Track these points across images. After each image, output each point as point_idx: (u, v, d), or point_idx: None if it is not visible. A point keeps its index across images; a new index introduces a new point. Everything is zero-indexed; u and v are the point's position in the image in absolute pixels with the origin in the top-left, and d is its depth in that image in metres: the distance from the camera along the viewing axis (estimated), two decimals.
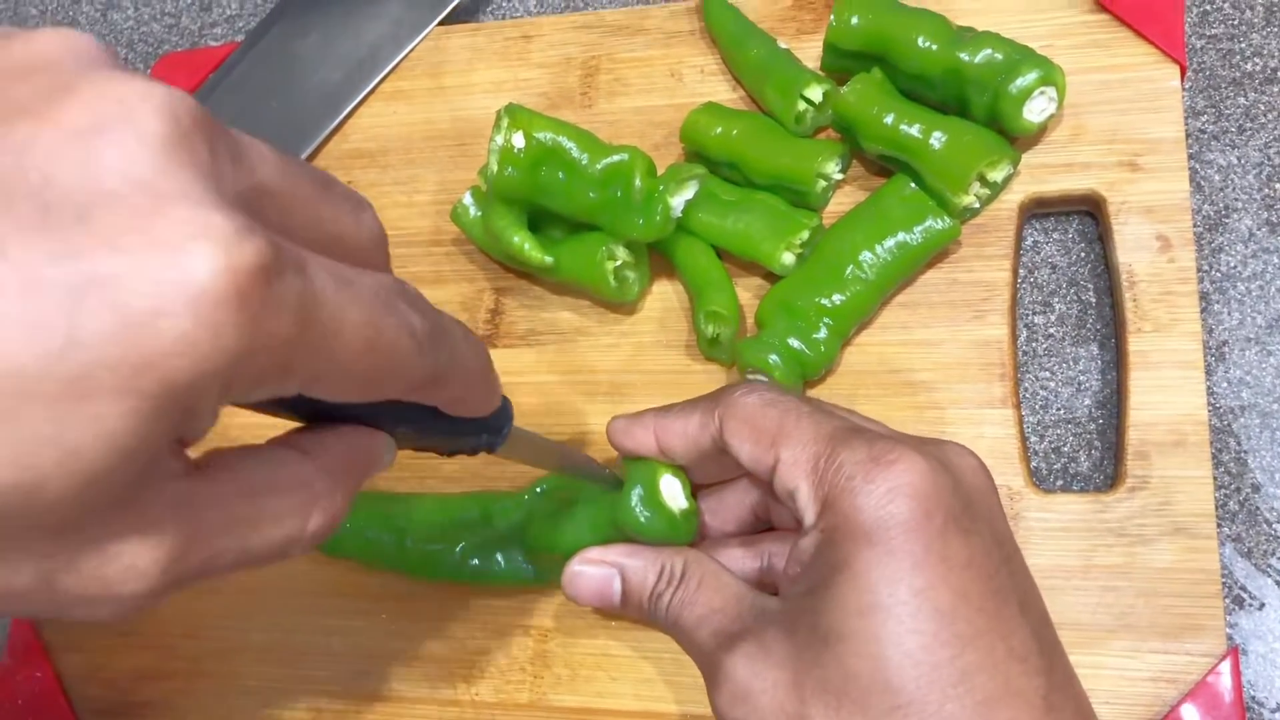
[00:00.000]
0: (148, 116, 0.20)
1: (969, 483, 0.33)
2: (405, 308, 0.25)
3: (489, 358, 0.31)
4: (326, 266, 0.23)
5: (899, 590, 0.30)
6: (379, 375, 0.25)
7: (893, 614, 0.30)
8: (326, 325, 0.22)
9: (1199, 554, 0.40)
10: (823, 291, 0.44)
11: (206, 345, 0.19)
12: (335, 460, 0.28)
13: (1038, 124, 0.44)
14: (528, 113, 0.45)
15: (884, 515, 0.31)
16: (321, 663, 0.47)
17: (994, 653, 0.30)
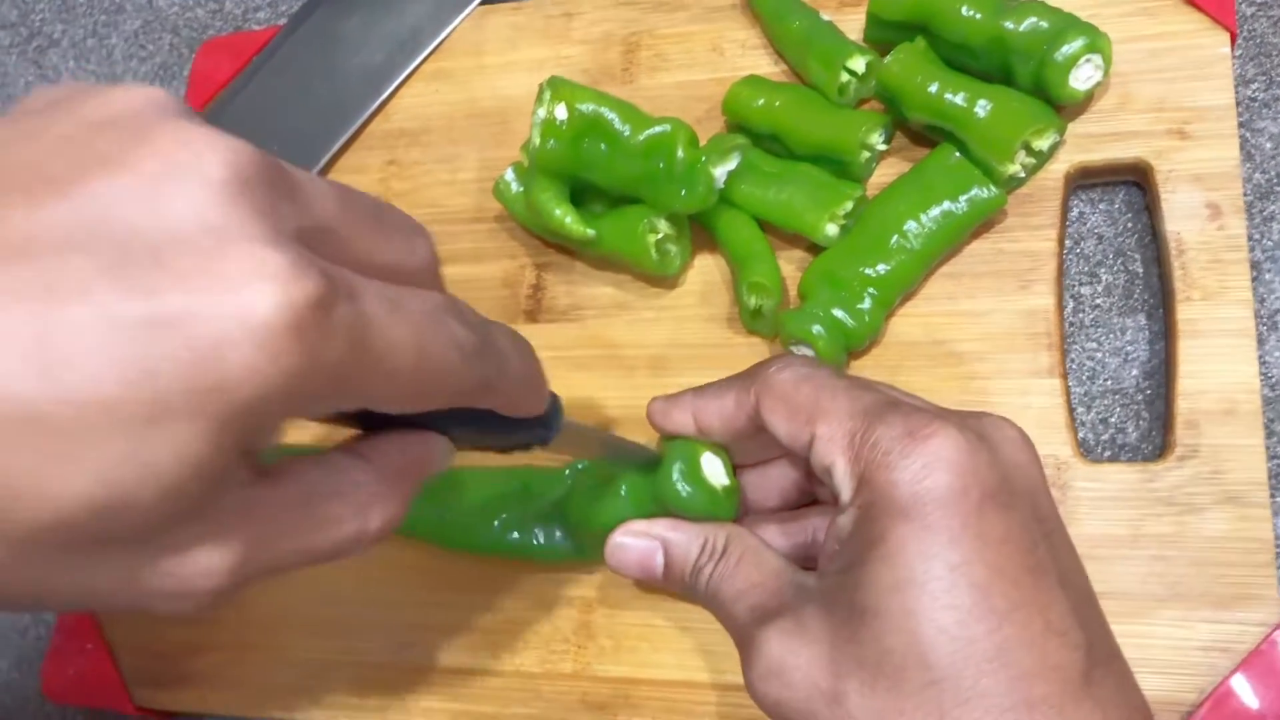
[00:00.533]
0: (213, 163, 0.22)
1: (1008, 457, 0.32)
2: (454, 324, 0.27)
3: (536, 361, 0.33)
4: (378, 292, 0.25)
5: (934, 565, 0.30)
6: (428, 388, 0.27)
7: (927, 589, 0.30)
8: (377, 346, 0.24)
9: (1252, 522, 0.39)
10: (867, 262, 0.44)
11: (268, 371, 0.21)
12: (393, 465, 0.30)
13: (1084, 92, 0.43)
14: (570, 84, 0.45)
15: (920, 490, 0.31)
16: (366, 634, 0.48)
17: (1030, 627, 0.29)
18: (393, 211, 0.29)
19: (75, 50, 0.69)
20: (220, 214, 0.22)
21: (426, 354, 0.26)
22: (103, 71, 0.67)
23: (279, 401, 0.22)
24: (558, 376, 0.49)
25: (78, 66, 0.68)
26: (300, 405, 0.23)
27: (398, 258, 0.28)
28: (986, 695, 0.29)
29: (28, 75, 0.69)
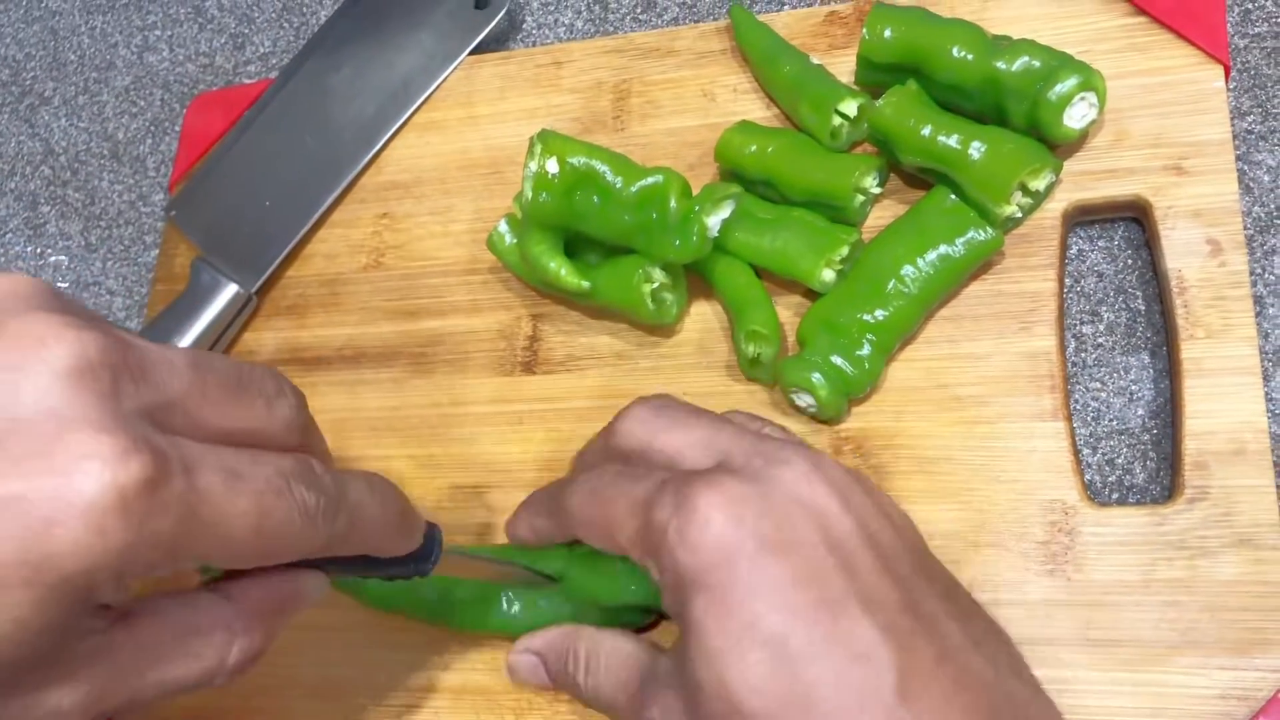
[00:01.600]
0: (58, 354, 0.25)
1: (786, 493, 0.33)
2: (300, 489, 0.30)
3: (400, 506, 0.35)
4: (219, 463, 0.28)
5: (730, 628, 0.31)
6: (269, 552, 0.29)
7: (731, 654, 0.31)
8: (211, 518, 0.27)
9: (1265, 565, 0.38)
10: (865, 307, 0.43)
11: (95, 546, 0.24)
12: (256, 604, 0.32)
13: (1079, 130, 0.43)
14: (560, 138, 0.45)
15: (699, 562, 0.32)
16: (370, 698, 0.47)
17: (834, 663, 0.30)
18: (256, 376, 0.31)
19: (67, 108, 0.69)
20: (62, 401, 0.25)
21: (265, 522, 0.28)
22: (95, 128, 0.67)
23: (110, 570, 0.25)
24: (556, 428, 0.48)
25: (70, 124, 0.68)
26: (137, 570, 0.26)
27: (255, 423, 0.30)
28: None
29: (20, 134, 0.69)
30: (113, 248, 0.64)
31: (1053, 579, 0.40)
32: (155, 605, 0.30)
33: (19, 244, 0.66)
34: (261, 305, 0.56)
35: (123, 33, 0.70)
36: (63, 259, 0.65)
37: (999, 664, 0.33)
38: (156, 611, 0.30)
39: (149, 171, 0.65)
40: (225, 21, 0.67)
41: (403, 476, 0.50)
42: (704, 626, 0.31)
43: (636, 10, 0.58)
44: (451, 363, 0.52)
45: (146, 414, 0.27)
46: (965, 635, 0.32)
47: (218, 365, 0.30)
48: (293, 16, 0.66)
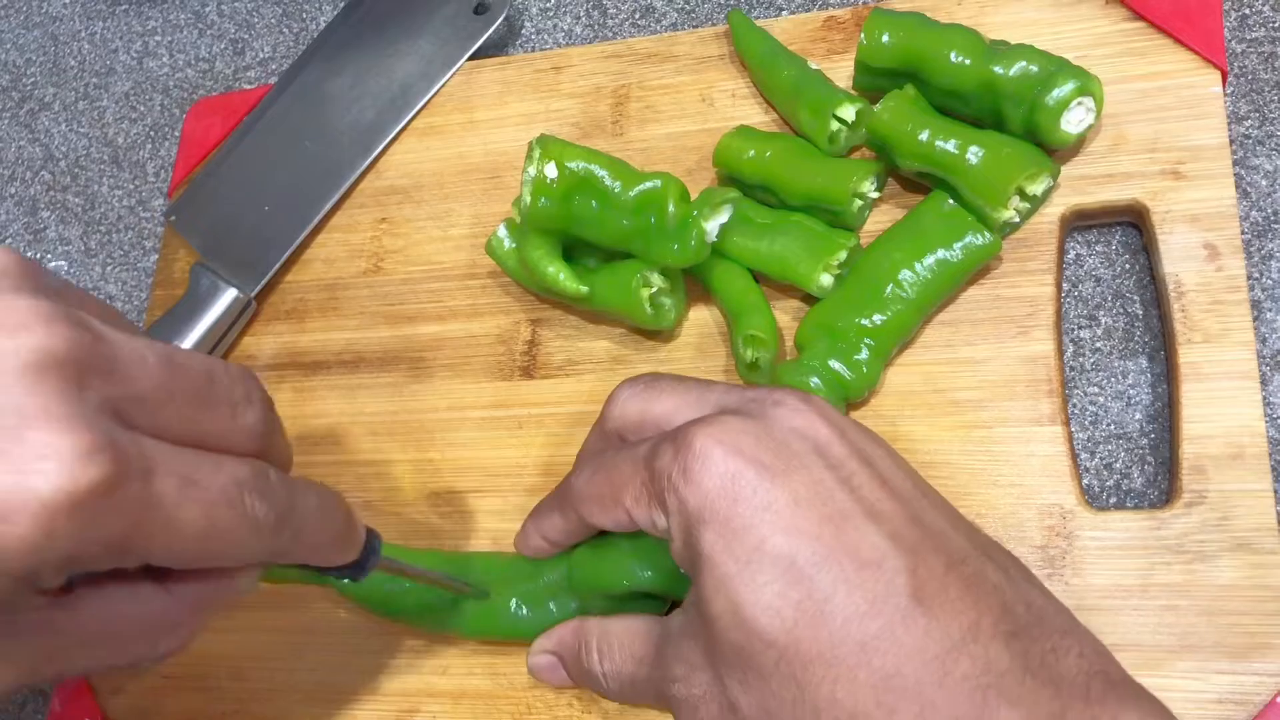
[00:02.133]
0: (25, 345, 0.25)
1: (782, 425, 0.34)
2: (253, 500, 0.30)
3: (348, 520, 0.36)
4: (176, 468, 0.28)
5: (739, 552, 0.31)
6: (215, 557, 0.30)
7: (741, 578, 0.31)
8: (161, 522, 0.27)
9: (1263, 569, 0.38)
10: (863, 312, 0.43)
11: (41, 545, 0.25)
12: (192, 597, 0.32)
13: (1076, 135, 0.43)
14: (559, 142, 0.45)
15: (703, 494, 0.32)
16: (369, 702, 0.47)
17: (844, 572, 0.31)
18: (227, 380, 0.31)
19: (67, 113, 0.69)
20: (25, 394, 0.25)
21: (214, 530, 0.29)
22: (95, 134, 0.67)
23: (53, 565, 0.26)
24: (554, 433, 0.49)
25: (69, 129, 0.68)
26: (80, 566, 0.27)
27: (219, 428, 0.31)
28: (824, 649, 0.30)
29: (20, 139, 0.69)
30: (112, 253, 0.64)
31: (1050, 583, 0.40)
32: (96, 590, 0.30)
33: (19, 248, 0.66)
34: (261, 310, 0.56)
35: (123, 38, 0.70)
36: (62, 264, 0.65)
37: (1010, 572, 0.33)
38: (96, 597, 0.30)
39: (149, 177, 0.65)
40: (225, 27, 0.68)
41: (401, 480, 0.50)
42: (714, 558, 0.32)
43: (635, 16, 0.58)
44: (450, 367, 0.52)
45: (110, 408, 0.27)
46: (973, 545, 0.33)
47: (190, 365, 0.30)
48: (292, 22, 0.66)
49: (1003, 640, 0.30)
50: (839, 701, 0.30)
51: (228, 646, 0.50)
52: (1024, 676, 0.29)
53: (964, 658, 0.30)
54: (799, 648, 0.30)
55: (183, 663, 0.50)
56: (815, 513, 0.32)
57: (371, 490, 0.50)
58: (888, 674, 0.30)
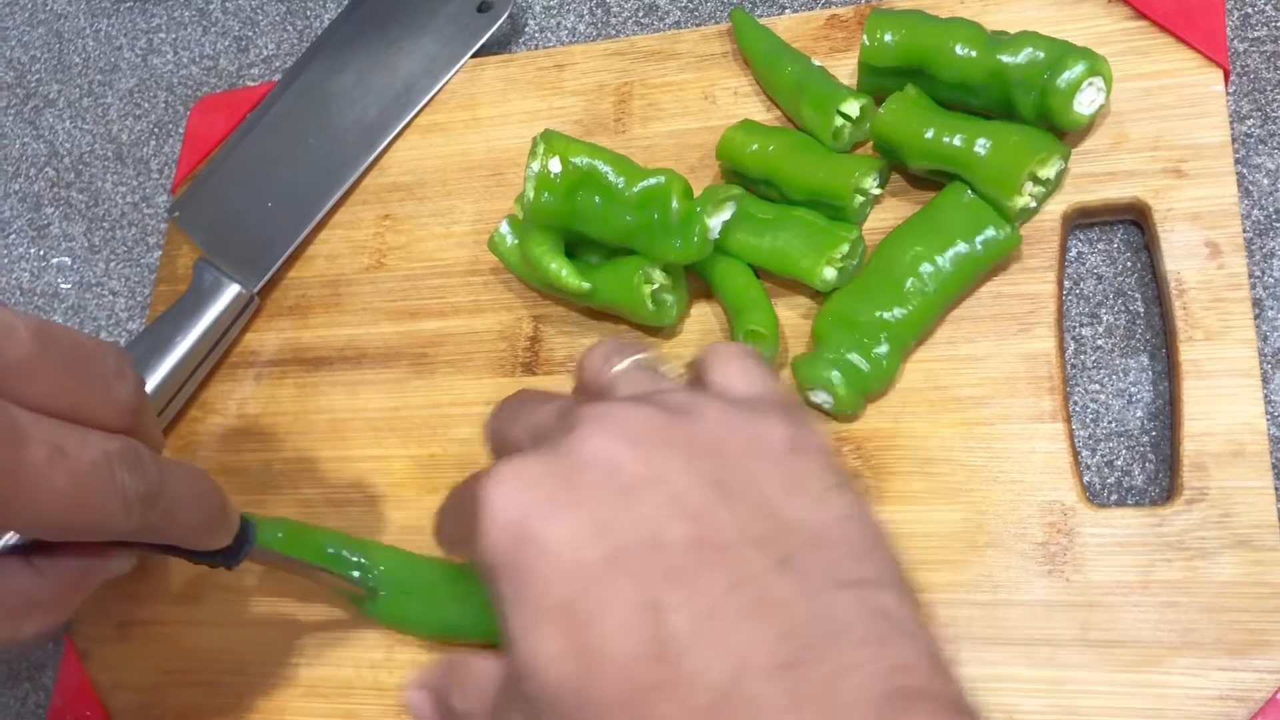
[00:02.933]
0: None
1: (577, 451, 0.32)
2: (124, 475, 0.30)
3: (218, 504, 0.36)
4: (47, 437, 0.28)
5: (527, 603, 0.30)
6: (82, 531, 0.30)
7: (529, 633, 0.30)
8: (29, 491, 0.28)
9: (1264, 566, 0.38)
10: (882, 305, 0.43)
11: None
12: (64, 577, 0.33)
13: (1089, 116, 0.43)
14: (563, 138, 0.45)
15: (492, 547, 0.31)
16: (368, 697, 0.47)
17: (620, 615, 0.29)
18: (99, 353, 0.31)
19: (71, 110, 0.69)
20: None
21: (83, 502, 0.29)
22: (99, 130, 0.68)
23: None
24: None
25: (74, 126, 0.69)
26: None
27: (90, 400, 0.31)
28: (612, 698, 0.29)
29: (24, 136, 0.69)
30: (116, 249, 0.64)
31: (1051, 580, 0.40)
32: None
33: (23, 245, 0.66)
34: (264, 306, 0.57)
35: (127, 36, 0.70)
36: (66, 260, 0.65)
37: (809, 579, 0.30)
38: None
39: (152, 173, 0.65)
40: (229, 25, 0.68)
41: (403, 476, 0.50)
42: (506, 612, 0.31)
43: (638, 14, 0.58)
44: (453, 363, 0.52)
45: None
46: (767, 557, 0.30)
47: (61, 338, 0.30)
48: (296, 20, 0.66)
49: (774, 676, 0.28)
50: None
51: (229, 642, 0.50)
52: (799, 713, 0.27)
53: (731, 704, 0.28)
54: (591, 696, 0.29)
55: (184, 658, 0.51)
56: (593, 554, 0.30)
57: (373, 486, 0.50)
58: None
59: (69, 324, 0.63)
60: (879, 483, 0.43)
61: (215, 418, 0.55)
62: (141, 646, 0.52)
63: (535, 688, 0.30)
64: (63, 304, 0.64)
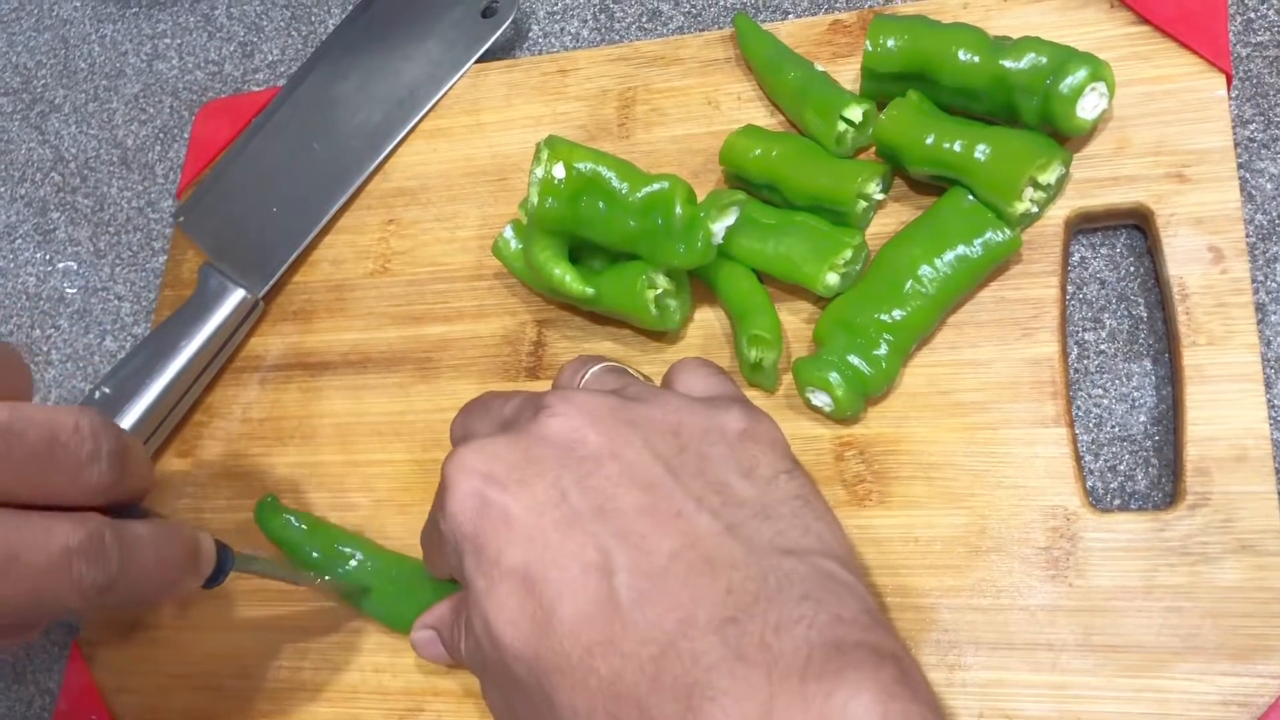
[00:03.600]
0: None
1: (535, 433, 0.34)
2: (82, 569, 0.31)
3: (190, 558, 0.37)
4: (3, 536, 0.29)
5: (485, 569, 0.32)
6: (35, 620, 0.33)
7: (488, 595, 0.32)
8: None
9: (1267, 571, 0.38)
10: (882, 307, 0.43)
11: None
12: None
13: (1092, 121, 0.43)
14: (567, 144, 0.45)
15: (455, 522, 0.33)
16: (372, 701, 0.47)
17: (568, 576, 0.31)
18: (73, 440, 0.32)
19: (77, 115, 0.69)
20: None
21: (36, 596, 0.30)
22: (104, 135, 0.68)
23: None
24: None
25: (79, 131, 0.69)
26: None
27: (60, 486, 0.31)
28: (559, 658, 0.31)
29: (30, 141, 0.70)
30: (121, 253, 0.64)
31: (1054, 584, 0.40)
32: None
33: (28, 249, 0.66)
34: (269, 310, 0.57)
35: (133, 41, 0.70)
36: (71, 264, 0.65)
37: (755, 545, 0.32)
38: None
39: (157, 178, 0.65)
40: (234, 30, 0.68)
41: (407, 480, 0.50)
42: (470, 579, 0.33)
43: (642, 19, 0.58)
44: (456, 368, 0.52)
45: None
46: (717, 521, 0.32)
47: (30, 431, 0.30)
48: (301, 25, 0.66)
49: (716, 629, 0.29)
50: (578, 711, 0.30)
51: (233, 646, 0.50)
52: (735, 665, 0.28)
53: (673, 656, 0.29)
54: (540, 658, 0.31)
55: (188, 662, 0.51)
56: (549, 518, 0.32)
57: (376, 490, 0.51)
58: (611, 680, 0.30)
59: (74, 328, 0.63)
60: (882, 487, 0.43)
61: (220, 422, 0.55)
62: (146, 650, 0.52)
63: (492, 652, 0.32)
64: (68, 308, 0.64)
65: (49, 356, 0.63)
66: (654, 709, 0.29)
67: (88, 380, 0.61)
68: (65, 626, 0.56)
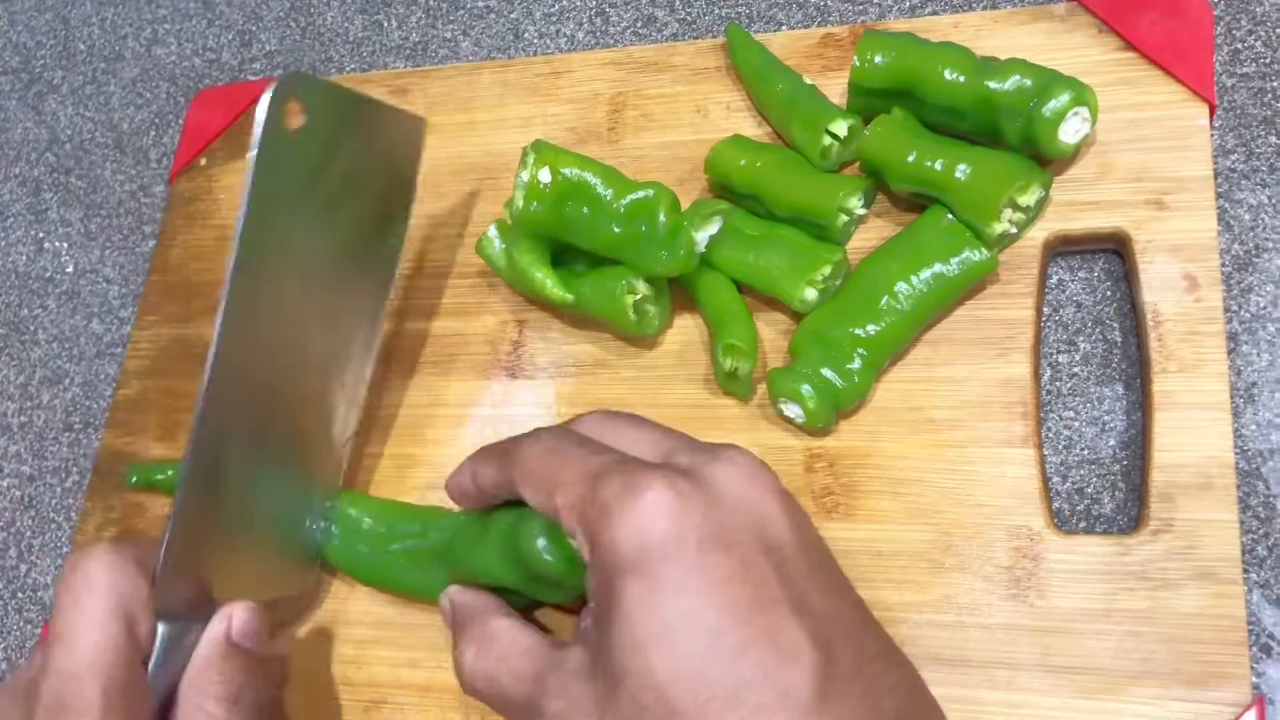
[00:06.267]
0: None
1: (729, 496, 0.33)
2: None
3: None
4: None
5: (666, 617, 0.31)
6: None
7: (664, 642, 0.31)
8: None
9: (1225, 600, 0.39)
10: (857, 322, 0.44)
11: None
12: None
13: (1074, 145, 0.43)
14: (554, 148, 0.45)
15: (639, 544, 0.32)
16: (338, 692, 0.47)
17: (764, 661, 0.30)
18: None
19: (74, 97, 0.70)
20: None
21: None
22: (100, 118, 0.68)
23: None
24: None
25: (76, 113, 0.69)
26: None
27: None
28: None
29: (27, 121, 0.70)
30: (111, 236, 0.65)
31: (1015, 604, 0.41)
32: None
33: (20, 229, 0.67)
34: None
35: (132, 25, 0.71)
36: (62, 245, 0.65)
37: (903, 675, 0.34)
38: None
39: (151, 163, 0.66)
40: (233, 18, 0.68)
41: (381, 475, 0.51)
42: (634, 614, 0.31)
43: (637, 24, 0.59)
44: (436, 364, 0.52)
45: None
46: (879, 645, 0.33)
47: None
48: (300, 16, 0.67)
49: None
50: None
51: None
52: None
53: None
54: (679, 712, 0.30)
55: None
56: (746, 595, 0.31)
57: (351, 482, 0.51)
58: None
59: (62, 309, 0.63)
60: (849, 500, 0.44)
61: None
62: None
63: (647, 697, 0.31)
64: (57, 289, 0.64)
65: (36, 336, 0.63)
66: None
67: (73, 361, 0.62)
68: (39, 605, 0.56)
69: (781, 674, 0.30)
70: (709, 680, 0.30)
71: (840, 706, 0.30)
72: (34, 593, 0.56)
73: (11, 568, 0.57)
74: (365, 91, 0.46)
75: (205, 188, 0.61)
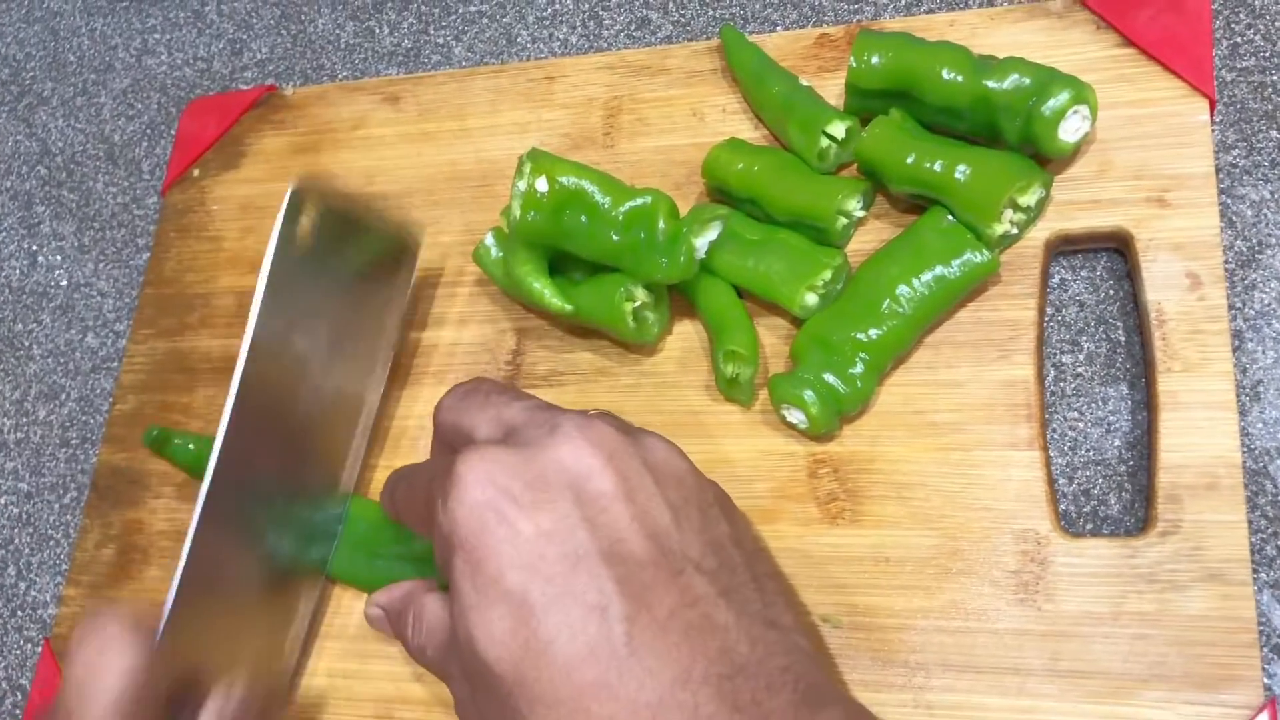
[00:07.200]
0: None
1: (548, 455, 0.34)
2: None
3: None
4: None
5: (479, 584, 0.32)
6: None
7: (478, 609, 0.32)
8: None
9: (1234, 601, 0.38)
10: (859, 326, 0.43)
11: None
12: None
13: (1073, 144, 0.43)
14: (550, 157, 0.45)
15: (456, 522, 0.33)
16: (343, 708, 0.47)
17: (569, 615, 0.31)
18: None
19: (65, 108, 0.69)
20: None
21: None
22: (91, 130, 0.68)
23: None
24: None
25: (67, 125, 0.69)
26: None
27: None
28: (546, 691, 0.31)
29: (17, 134, 0.69)
30: (105, 249, 0.64)
31: (1023, 608, 0.40)
32: None
33: (12, 243, 0.66)
34: None
35: (122, 35, 0.70)
36: (56, 259, 0.65)
37: (747, 611, 0.33)
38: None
39: (143, 175, 0.65)
40: (224, 27, 0.68)
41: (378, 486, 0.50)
42: (459, 585, 0.33)
43: (630, 27, 0.58)
44: (435, 375, 0.52)
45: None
46: (713, 586, 0.33)
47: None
48: (290, 24, 0.66)
49: (714, 684, 0.31)
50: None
51: None
52: (732, 715, 0.30)
53: (672, 706, 0.30)
54: (524, 685, 0.31)
55: None
56: (555, 550, 0.32)
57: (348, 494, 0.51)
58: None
59: (57, 324, 0.63)
60: (855, 506, 0.43)
61: (197, 424, 0.55)
62: None
63: (473, 663, 0.32)
64: (51, 303, 0.64)
65: (31, 351, 0.63)
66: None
67: (69, 376, 0.61)
68: (38, 624, 0.55)
69: (589, 627, 0.31)
70: (519, 641, 0.31)
71: (656, 653, 0.31)
72: (33, 611, 0.56)
73: (10, 585, 0.57)
74: (358, 100, 0.46)
75: (198, 199, 0.60)
